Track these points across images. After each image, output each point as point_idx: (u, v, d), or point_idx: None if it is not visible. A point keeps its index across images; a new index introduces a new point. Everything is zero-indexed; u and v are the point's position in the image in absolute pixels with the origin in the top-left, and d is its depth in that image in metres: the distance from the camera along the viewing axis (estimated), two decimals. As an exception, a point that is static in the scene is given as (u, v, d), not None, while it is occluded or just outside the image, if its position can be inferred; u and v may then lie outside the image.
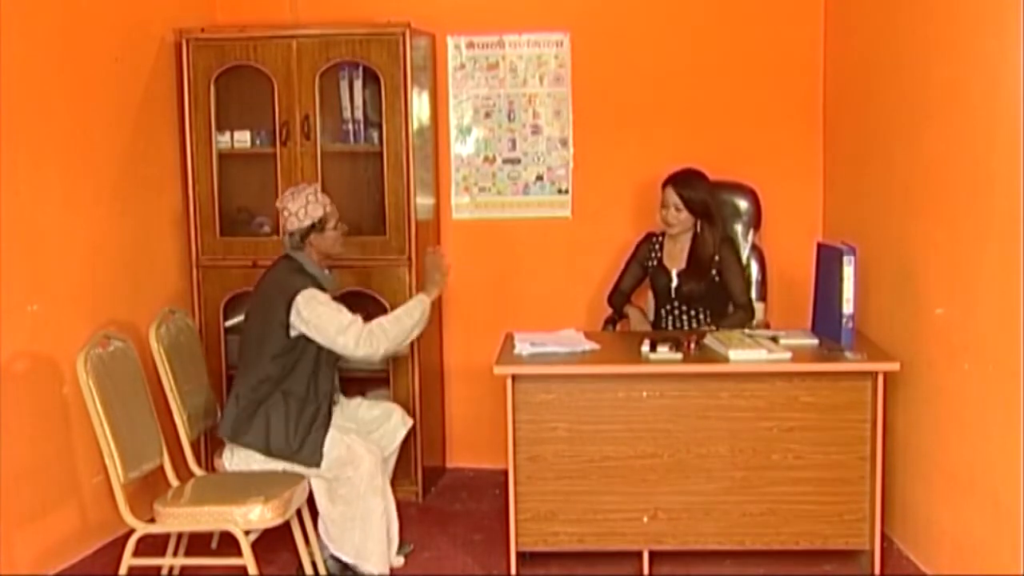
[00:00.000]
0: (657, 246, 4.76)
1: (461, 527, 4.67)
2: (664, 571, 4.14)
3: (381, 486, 4.07)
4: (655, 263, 4.75)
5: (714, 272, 4.62)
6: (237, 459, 4.07)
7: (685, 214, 4.58)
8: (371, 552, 4.04)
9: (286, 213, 4.11)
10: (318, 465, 4.00)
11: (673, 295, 4.68)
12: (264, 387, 4.05)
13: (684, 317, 4.70)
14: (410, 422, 4.45)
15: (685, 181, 4.61)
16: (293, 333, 4.01)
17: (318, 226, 4.10)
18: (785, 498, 4.05)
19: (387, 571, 4.10)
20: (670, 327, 4.70)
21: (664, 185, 4.62)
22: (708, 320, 4.66)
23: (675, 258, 4.70)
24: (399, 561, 4.23)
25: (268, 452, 4.01)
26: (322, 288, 4.07)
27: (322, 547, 4.12)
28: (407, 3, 5.14)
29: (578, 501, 4.08)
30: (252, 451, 4.03)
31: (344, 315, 4.01)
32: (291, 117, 4.89)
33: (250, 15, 5.27)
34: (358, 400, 4.46)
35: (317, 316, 3.98)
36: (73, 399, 4.04)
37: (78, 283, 4.35)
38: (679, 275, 4.66)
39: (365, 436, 4.16)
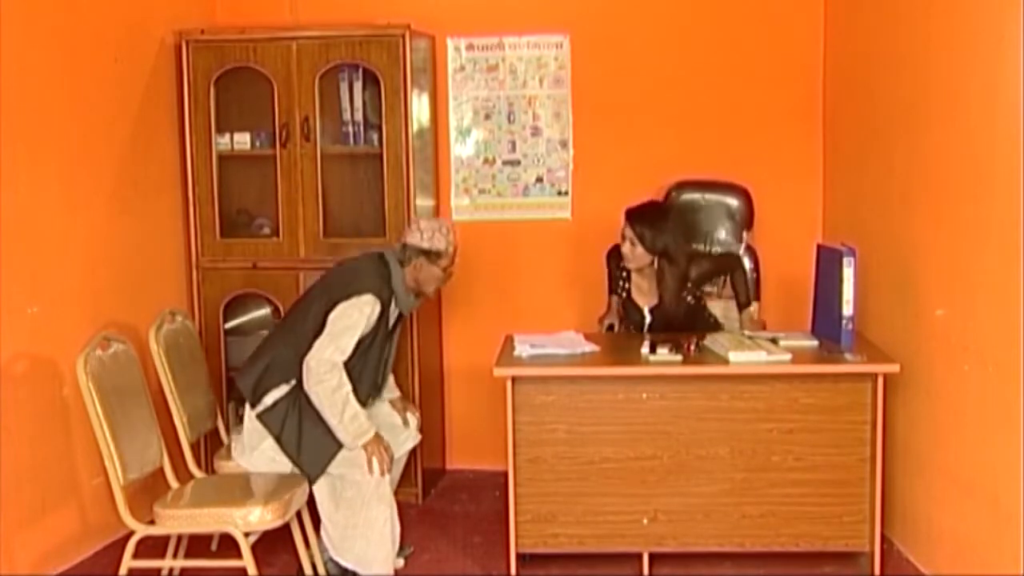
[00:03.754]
0: (624, 273, 4.60)
1: (461, 529, 4.67)
2: (664, 573, 4.14)
3: (387, 493, 4.04)
4: (625, 294, 4.63)
5: (688, 296, 4.53)
6: (251, 428, 4.03)
7: (640, 250, 4.42)
8: (373, 559, 4.02)
9: (415, 227, 4.09)
10: (313, 481, 3.96)
11: (647, 330, 4.58)
12: (295, 366, 3.96)
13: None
14: (419, 437, 4.44)
15: (641, 218, 4.43)
16: None
17: (432, 256, 4.07)
18: (785, 500, 4.05)
19: (391, 574, 4.09)
20: None
21: (626, 219, 4.46)
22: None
23: (644, 293, 4.58)
24: (399, 563, 4.23)
25: (279, 441, 3.97)
26: (397, 305, 4.07)
27: (322, 549, 4.11)
28: (407, 5, 5.14)
29: (578, 503, 4.07)
30: (265, 430, 3.98)
31: (349, 347, 3.91)
32: (291, 119, 4.89)
33: (250, 17, 5.27)
34: (386, 403, 4.39)
35: (343, 320, 3.92)
36: (73, 401, 4.04)
37: (78, 285, 4.35)
38: (652, 311, 4.57)
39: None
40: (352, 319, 3.93)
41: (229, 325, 5.10)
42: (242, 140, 4.99)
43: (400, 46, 4.80)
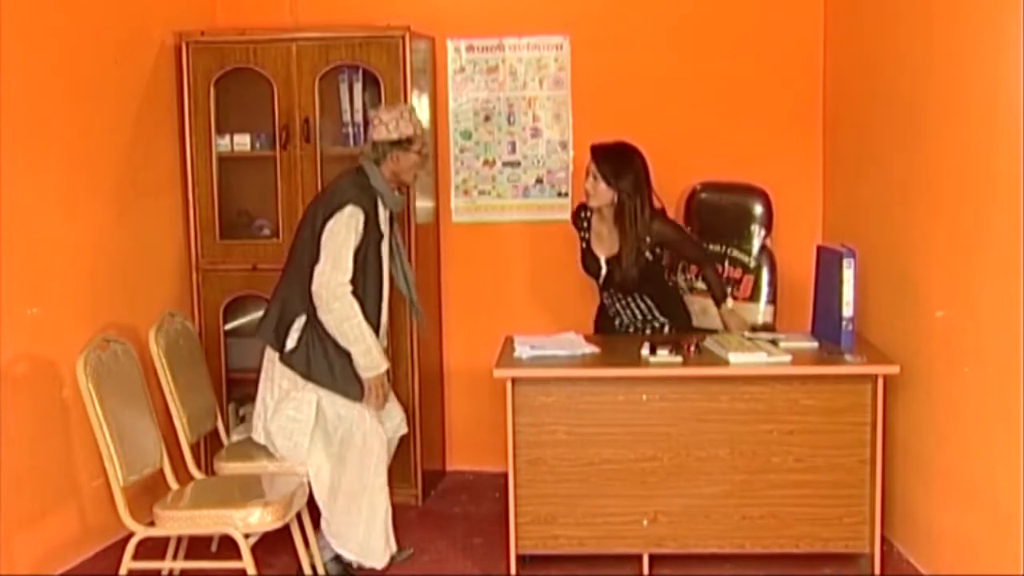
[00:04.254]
0: (586, 223, 4.57)
1: (461, 530, 4.67)
2: (664, 574, 4.14)
3: (386, 483, 4.09)
4: (584, 244, 4.59)
5: (649, 253, 4.44)
6: (277, 373, 4.05)
7: (603, 186, 4.36)
8: (374, 548, 4.05)
9: (376, 121, 4.08)
10: (359, 398, 4.01)
11: (603, 282, 4.55)
12: (303, 301, 3.99)
13: (624, 301, 4.57)
14: (405, 430, 4.43)
15: (606, 154, 4.40)
16: None
17: (403, 144, 4.06)
18: (785, 501, 4.04)
19: (387, 562, 4.13)
20: (619, 315, 4.60)
21: (591, 154, 4.43)
22: (657, 311, 4.55)
23: (603, 241, 4.51)
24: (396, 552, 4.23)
25: (308, 377, 4.00)
26: (384, 204, 4.06)
27: (322, 547, 4.12)
28: (407, 6, 5.14)
29: (578, 504, 4.07)
30: (292, 371, 4.01)
31: (347, 262, 3.93)
32: (291, 120, 4.89)
33: (250, 18, 5.27)
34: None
35: (332, 239, 3.93)
36: (73, 402, 4.04)
37: (78, 286, 4.35)
38: (608, 261, 4.50)
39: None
40: (340, 235, 3.94)
41: (229, 326, 5.09)
42: (242, 141, 4.99)
43: (400, 47, 4.80)
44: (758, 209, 4.97)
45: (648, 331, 4.58)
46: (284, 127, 4.90)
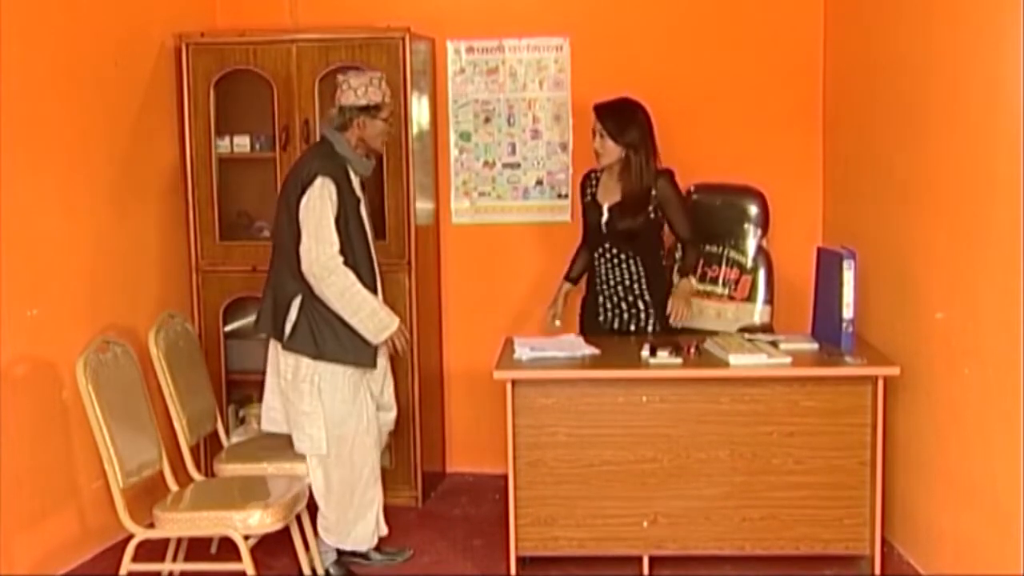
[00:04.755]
0: (594, 181, 4.62)
1: (461, 532, 4.67)
2: (664, 575, 4.14)
3: (378, 475, 4.15)
4: (589, 199, 4.61)
5: (651, 209, 4.47)
6: (281, 363, 4.06)
7: (610, 143, 4.42)
8: (362, 535, 4.14)
9: (345, 86, 4.04)
10: (373, 364, 4.03)
11: (604, 230, 4.53)
12: (294, 283, 3.99)
13: (615, 261, 4.55)
14: (391, 427, 4.43)
15: (610, 112, 4.45)
16: None
17: (371, 110, 4.03)
18: (785, 502, 4.04)
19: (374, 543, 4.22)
20: (606, 278, 4.58)
21: (595, 113, 4.48)
22: (641, 271, 4.53)
23: (609, 192, 4.55)
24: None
25: (320, 356, 3.98)
26: (355, 171, 4.05)
27: (324, 552, 4.12)
28: (407, 7, 5.15)
29: (578, 506, 4.07)
30: (301, 356, 4.00)
31: (330, 233, 3.90)
32: (291, 121, 4.89)
33: (250, 19, 5.27)
34: (386, 371, 4.30)
35: (310, 215, 3.90)
36: (72, 404, 4.04)
37: (77, 287, 4.35)
38: (611, 209, 4.51)
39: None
40: (316, 209, 3.91)
41: (229, 328, 5.09)
42: (242, 143, 4.99)
43: (400, 49, 4.80)
44: (753, 210, 4.97)
45: (630, 309, 4.56)
46: (284, 128, 4.90)
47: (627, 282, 4.57)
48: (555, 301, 4.74)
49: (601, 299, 4.62)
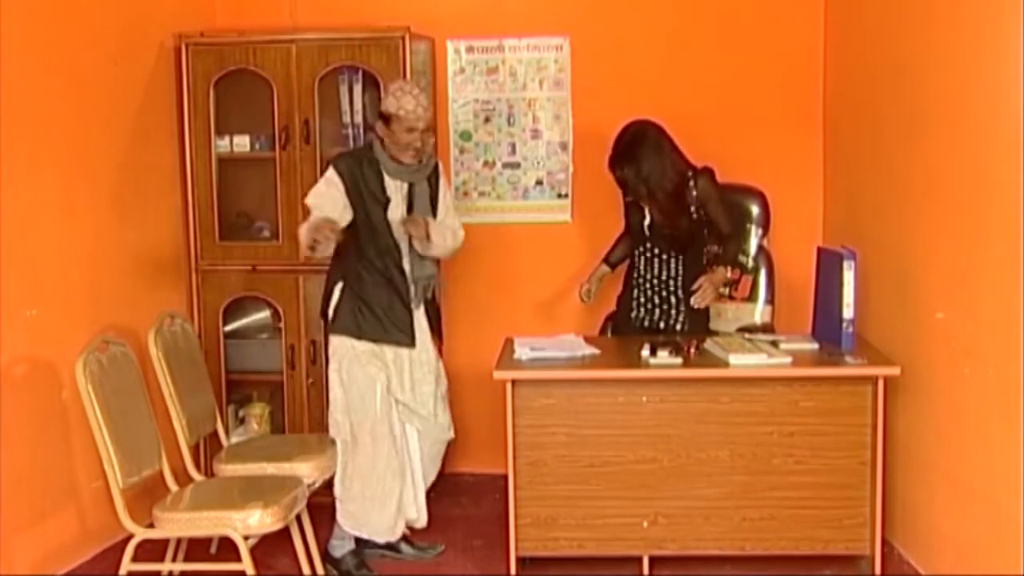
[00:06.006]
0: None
1: (461, 532, 4.66)
2: (664, 575, 4.14)
3: (399, 469, 4.15)
4: (632, 198, 4.57)
5: (693, 210, 4.45)
6: (330, 351, 4.19)
7: (638, 188, 4.40)
8: (382, 527, 4.16)
9: (384, 91, 4.16)
10: (413, 344, 4.15)
11: (647, 233, 4.52)
12: (339, 269, 4.15)
13: (656, 261, 4.54)
14: (451, 435, 4.42)
15: (620, 162, 4.41)
16: None
17: (386, 119, 4.03)
18: (785, 503, 4.04)
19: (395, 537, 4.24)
20: (644, 274, 4.57)
21: (609, 168, 4.46)
22: (681, 270, 4.51)
23: None
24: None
25: (360, 336, 4.10)
26: (388, 174, 4.08)
27: (333, 548, 4.15)
28: (407, 7, 5.14)
29: (578, 506, 4.07)
30: (341, 336, 4.12)
31: (317, 195, 4.04)
32: (291, 121, 4.88)
33: (250, 19, 5.27)
34: (433, 364, 4.31)
35: (317, 185, 4.11)
36: (72, 404, 4.03)
37: (77, 287, 4.35)
38: (652, 213, 4.50)
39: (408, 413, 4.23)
40: (327, 176, 4.09)
41: (229, 328, 5.09)
42: (241, 143, 4.99)
43: (400, 48, 4.80)
44: (755, 210, 4.97)
45: (662, 304, 4.55)
46: (284, 128, 4.89)
47: (664, 277, 4.56)
48: (590, 278, 4.72)
49: (636, 292, 4.61)
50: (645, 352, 4.09)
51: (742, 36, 5.25)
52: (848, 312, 4.08)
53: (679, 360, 4.05)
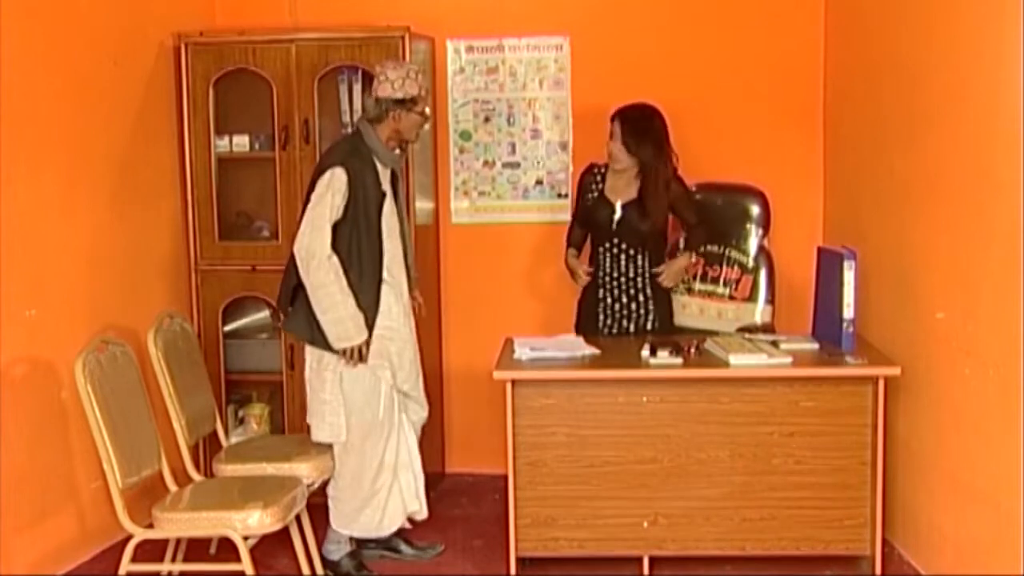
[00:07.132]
0: (599, 177, 4.61)
1: (461, 532, 4.66)
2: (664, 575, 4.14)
3: (390, 463, 4.13)
4: (596, 194, 4.60)
5: (668, 206, 4.52)
6: (306, 353, 4.15)
7: (626, 154, 4.45)
8: (368, 523, 4.14)
9: (383, 78, 4.05)
10: (370, 330, 3.99)
11: (614, 228, 4.53)
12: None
13: (623, 257, 4.56)
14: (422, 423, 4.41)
15: (631, 122, 4.46)
16: None
17: (407, 103, 4.03)
18: (786, 503, 4.04)
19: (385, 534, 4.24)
20: (611, 271, 4.58)
21: (613, 119, 4.49)
22: (648, 265, 4.54)
23: (619, 191, 4.54)
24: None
25: (311, 341, 4.03)
26: (382, 163, 4.05)
27: (330, 553, 4.12)
28: (406, 7, 5.13)
29: (578, 506, 4.07)
30: (295, 337, 4.18)
31: (325, 223, 3.90)
32: (290, 121, 4.88)
33: (249, 19, 5.27)
34: (414, 364, 4.29)
35: (318, 197, 3.93)
36: (71, 404, 4.03)
37: (76, 288, 4.34)
38: (624, 207, 4.51)
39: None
40: (318, 194, 3.94)
41: (228, 328, 5.09)
42: (241, 142, 4.98)
43: (400, 48, 4.79)
44: (755, 210, 4.97)
45: (630, 303, 4.58)
46: (283, 128, 4.89)
47: (632, 275, 4.57)
48: (573, 264, 4.71)
49: (602, 292, 4.61)
50: (645, 352, 4.09)
51: (742, 35, 5.24)
52: (848, 312, 4.08)
53: (679, 360, 4.04)
